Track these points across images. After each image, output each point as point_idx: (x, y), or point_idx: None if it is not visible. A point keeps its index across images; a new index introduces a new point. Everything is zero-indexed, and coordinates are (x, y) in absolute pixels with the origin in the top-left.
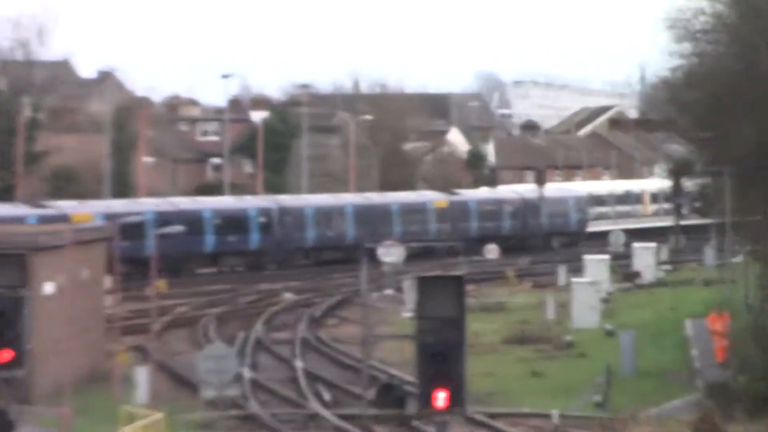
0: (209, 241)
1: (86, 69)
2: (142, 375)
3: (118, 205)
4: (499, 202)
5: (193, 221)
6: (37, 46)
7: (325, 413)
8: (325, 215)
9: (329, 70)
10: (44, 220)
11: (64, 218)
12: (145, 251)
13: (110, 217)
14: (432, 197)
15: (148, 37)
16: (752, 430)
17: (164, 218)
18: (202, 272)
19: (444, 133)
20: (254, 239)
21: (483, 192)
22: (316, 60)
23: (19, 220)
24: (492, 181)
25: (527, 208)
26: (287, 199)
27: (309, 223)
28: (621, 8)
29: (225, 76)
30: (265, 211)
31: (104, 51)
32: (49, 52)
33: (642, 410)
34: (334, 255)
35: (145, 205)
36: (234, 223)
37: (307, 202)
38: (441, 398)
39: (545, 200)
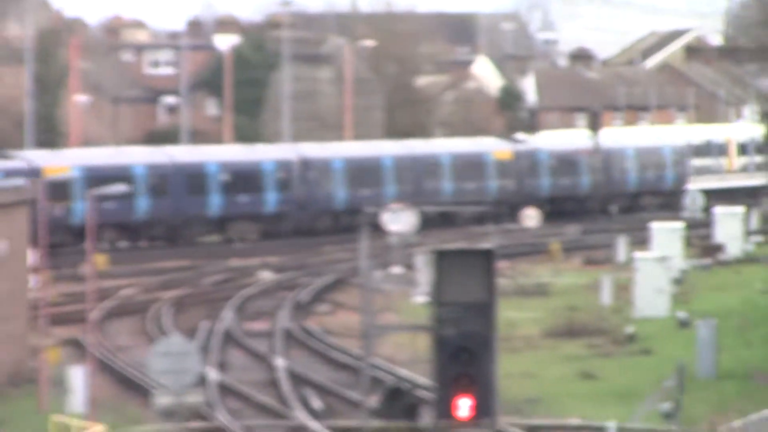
0: (213, 202)
1: None
2: (77, 376)
3: (102, 155)
4: (579, 153)
5: (192, 177)
6: None
7: (314, 425)
8: (359, 170)
9: None
10: (9, 173)
11: (34, 172)
12: (136, 215)
13: (93, 171)
14: (492, 146)
15: None
16: None
17: (157, 173)
18: (203, 240)
19: (468, 63)
20: (270, 200)
21: (555, 140)
22: None
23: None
24: (532, 127)
25: (611, 160)
26: (312, 149)
27: (339, 179)
28: None
29: None
30: (284, 165)
31: None
32: None
33: (724, 421)
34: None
35: (134, 156)
36: (244, 179)
37: (337, 153)
38: (464, 407)
39: (636, 151)
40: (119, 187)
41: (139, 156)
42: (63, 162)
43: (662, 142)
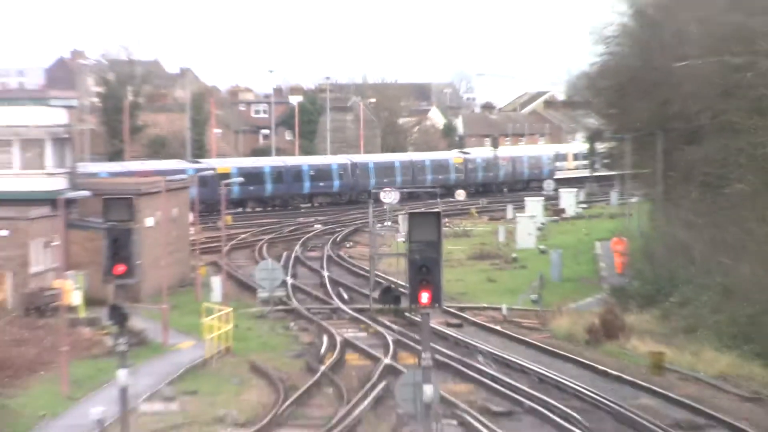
0: (306, 186)
1: (171, 66)
2: (216, 282)
3: (247, 161)
4: (498, 159)
5: (295, 173)
6: (136, 49)
7: (344, 307)
8: (382, 168)
9: (346, 67)
10: (199, 171)
11: (211, 169)
12: (265, 193)
13: (243, 169)
14: (452, 155)
15: (214, 42)
16: (641, 319)
17: (277, 171)
18: (256, 211)
19: (427, 111)
20: (336, 185)
21: (485, 151)
22: (336, 58)
23: (181, 172)
24: (461, 146)
25: (515, 162)
26: (357, 158)
27: (372, 174)
28: (555, 19)
29: (270, 71)
30: (343, 166)
31: (184, 53)
32: (145, 53)
33: (565, 305)
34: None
35: (264, 162)
36: (322, 174)
37: (371, 159)
38: (425, 297)
39: (528, 157)
40: (239, 179)
41: (266, 162)
42: (226, 164)
43: (533, 153)
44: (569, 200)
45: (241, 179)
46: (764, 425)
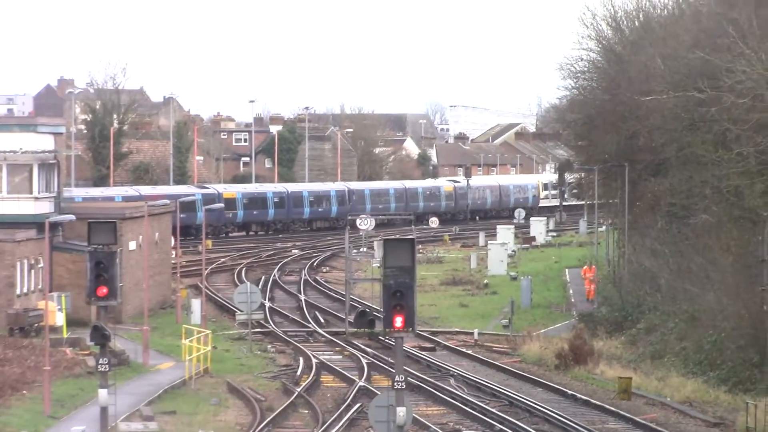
0: (306, 211)
1: (156, 95)
2: (196, 304)
3: (251, 187)
4: (486, 188)
5: (296, 198)
6: (122, 79)
7: (320, 330)
8: (377, 195)
9: (324, 97)
10: (206, 196)
11: (218, 196)
12: (268, 217)
13: (247, 195)
14: (443, 183)
15: (197, 72)
16: (609, 344)
17: (279, 196)
18: (234, 235)
19: (402, 141)
20: (334, 210)
21: (478, 180)
22: (315, 89)
23: (191, 195)
24: (435, 175)
25: (501, 190)
26: (354, 185)
27: (367, 200)
28: (527, 55)
29: (251, 101)
30: (340, 192)
31: (168, 82)
32: (130, 83)
33: (535, 330)
34: (381, 219)
35: (267, 188)
36: (321, 199)
37: (366, 186)
38: (399, 321)
39: (511, 186)
40: (219, 205)
41: (269, 188)
42: (232, 190)
43: (518, 182)
44: (539, 228)
45: (245, 203)
46: None
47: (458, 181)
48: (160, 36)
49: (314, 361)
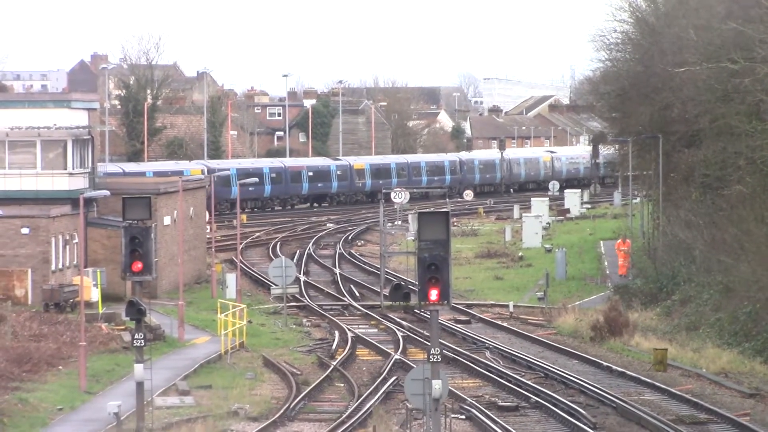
0: (305, 186)
1: (189, 70)
2: (231, 279)
3: (375, 159)
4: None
5: (295, 174)
6: (155, 55)
7: (355, 304)
8: (434, 167)
9: (358, 70)
10: (339, 168)
11: (349, 166)
12: (327, 190)
13: (374, 165)
14: (541, 154)
15: (231, 47)
16: (645, 316)
17: (277, 171)
18: (277, 208)
19: (436, 114)
20: (334, 185)
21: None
22: (348, 63)
23: (324, 168)
24: (468, 148)
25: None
26: (353, 160)
27: (423, 172)
28: (560, 27)
29: (285, 75)
30: (342, 167)
31: (201, 57)
32: (164, 58)
33: (570, 302)
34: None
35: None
36: (321, 175)
37: (366, 161)
38: (434, 294)
39: (567, 158)
40: (253, 179)
41: (267, 163)
42: (360, 161)
43: (537, 155)
44: (574, 200)
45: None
46: (765, 421)
47: (554, 152)
48: (193, 11)
49: (349, 334)
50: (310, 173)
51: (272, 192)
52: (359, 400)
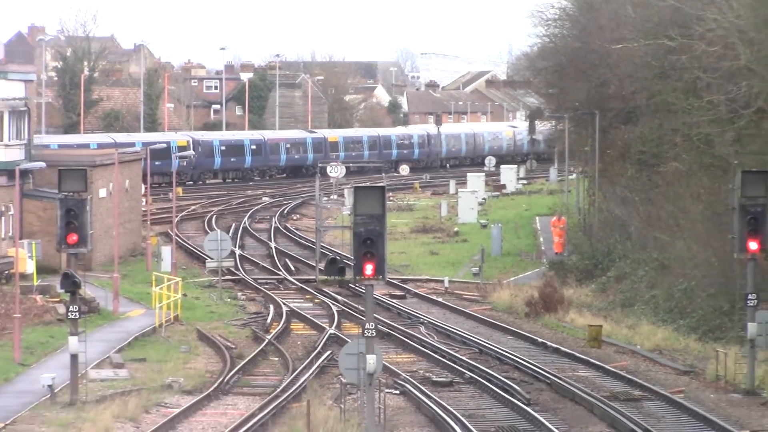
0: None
1: (126, 42)
2: (166, 252)
3: (348, 132)
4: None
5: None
6: (92, 27)
7: (290, 278)
8: (404, 141)
9: (295, 44)
10: (314, 140)
11: (324, 139)
12: (303, 162)
13: (347, 138)
14: (504, 129)
15: (168, 19)
16: (580, 292)
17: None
18: (210, 182)
19: (373, 89)
20: (283, 159)
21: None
22: (286, 37)
23: (301, 140)
24: (405, 123)
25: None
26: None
27: (393, 146)
28: (498, 2)
29: (222, 48)
30: (294, 141)
31: (139, 30)
32: (101, 30)
33: (505, 278)
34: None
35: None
36: (273, 148)
37: (393, 132)
38: (369, 269)
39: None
40: (190, 152)
41: (248, 135)
42: (335, 134)
43: (477, 131)
44: (510, 176)
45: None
46: (699, 398)
47: (516, 126)
48: None
49: (284, 308)
50: (288, 145)
51: (252, 163)
52: (293, 375)
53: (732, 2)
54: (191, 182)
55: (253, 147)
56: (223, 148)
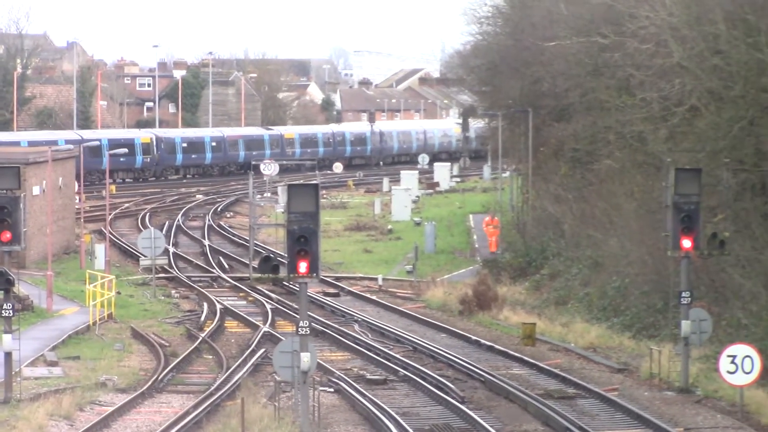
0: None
1: (59, 40)
2: (100, 249)
3: (310, 128)
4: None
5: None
6: (25, 24)
7: (224, 276)
8: (359, 138)
9: (228, 42)
10: (272, 137)
11: (281, 135)
12: (261, 158)
13: (302, 135)
14: (453, 125)
15: (101, 17)
16: (513, 290)
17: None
18: (132, 180)
19: (306, 86)
20: (209, 157)
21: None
22: (218, 35)
23: (259, 137)
24: (338, 121)
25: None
26: (338, 127)
27: (347, 142)
28: (431, 0)
29: (155, 46)
30: (216, 138)
31: (71, 27)
32: (34, 27)
33: (439, 275)
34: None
35: (317, 129)
36: (195, 145)
37: (347, 129)
38: (303, 266)
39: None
40: (122, 150)
41: (208, 132)
42: (291, 131)
43: (409, 128)
44: (443, 174)
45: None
46: (633, 396)
47: (459, 123)
48: None
49: (218, 306)
50: (246, 142)
51: (213, 160)
52: (228, 372)
53: (664, 0)
54: (153, 178)
55: (213, 144)
56: (184, 145)
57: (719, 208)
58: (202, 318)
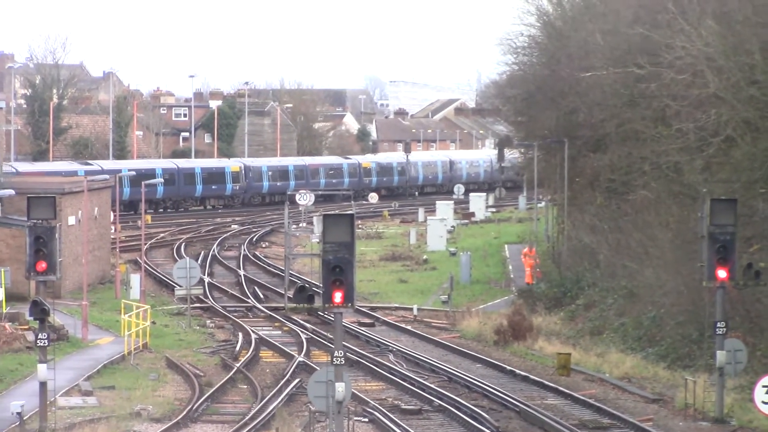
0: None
1: (95, 70)
2: (135, 279)
3: (387, 157)
4: (436, 162)
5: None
6: (62, 54)
7: (259, 306)
8: (429, 167)
9: (264, 72)
10: (298, 168)
11: (359, 165)
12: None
13: (330, 167)
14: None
15: (137, 47)
16: (549, 320)
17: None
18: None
19: (342, 117)
20: (229, 188)
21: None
22: (254, 65)
23: (338, 165)
24: (374, 151)
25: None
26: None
27: (394, 172)
28: (467, 30)
29: (191, 76)
30: (241, 168)
31: (108, 57)
32: (70, 57)
33: (474, 306)
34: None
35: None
36: (216, 176)
37: (392, 159)
38: (338, 296)
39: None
40: (159, 180)
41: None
42: (316, 162)
43: (435, 159)
44: (479, 204)
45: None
46: (668, 426)
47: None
48: (100, 10)
49: (253, 336)
50: (326, 170)
51: (296, 187)
52: (262, 402)
53: (701, 30)
54: (242, 205)
55: (296, 172)
56: (270, 173)
57: (755, 238)
58: (237, 348)
